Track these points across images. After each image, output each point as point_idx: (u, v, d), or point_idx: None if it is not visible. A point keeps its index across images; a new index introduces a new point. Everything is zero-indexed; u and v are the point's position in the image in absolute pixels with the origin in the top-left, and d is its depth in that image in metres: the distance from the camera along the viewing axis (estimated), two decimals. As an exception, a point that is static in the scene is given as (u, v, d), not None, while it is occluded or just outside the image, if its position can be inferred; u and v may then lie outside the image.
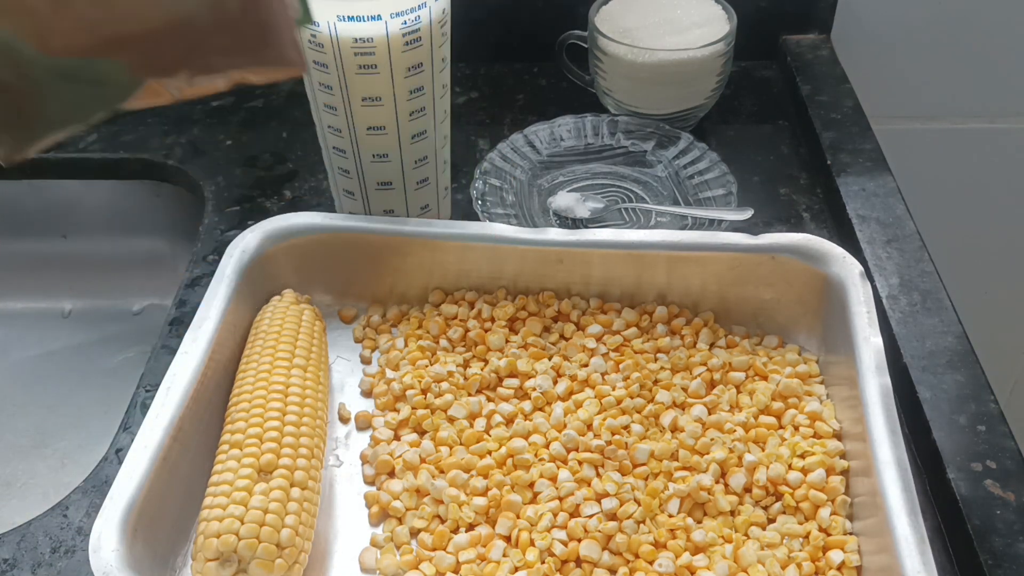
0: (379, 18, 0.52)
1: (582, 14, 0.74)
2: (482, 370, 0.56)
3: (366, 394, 0.57)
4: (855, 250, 0.62)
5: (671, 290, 0.58)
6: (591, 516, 0.48)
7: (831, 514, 0.48)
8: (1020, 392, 1.07)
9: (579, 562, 0.47)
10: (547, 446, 0.52)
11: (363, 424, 0.55)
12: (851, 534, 0.48)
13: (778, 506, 0.49)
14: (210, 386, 0.51)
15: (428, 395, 0.54)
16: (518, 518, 0.49)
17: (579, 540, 0.47)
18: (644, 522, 0.48)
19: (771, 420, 0.53)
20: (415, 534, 0.49)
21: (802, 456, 0.51)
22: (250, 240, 0.57)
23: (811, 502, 0.49)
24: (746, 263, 0.57)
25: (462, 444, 0.52)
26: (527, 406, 0.54)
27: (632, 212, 0.66)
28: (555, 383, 0.55)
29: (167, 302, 0.71)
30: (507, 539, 0.48)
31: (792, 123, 0.77)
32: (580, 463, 0.50)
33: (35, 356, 0.76)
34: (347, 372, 0.58)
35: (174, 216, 0.77)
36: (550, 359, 0.56)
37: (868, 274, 0.58)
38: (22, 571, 0.48)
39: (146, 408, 0.50)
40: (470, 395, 0.55)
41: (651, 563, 0.47)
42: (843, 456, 0.50)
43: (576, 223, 0.65)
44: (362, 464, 0.53)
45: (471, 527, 0.49)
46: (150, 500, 0.45)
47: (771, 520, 0.49)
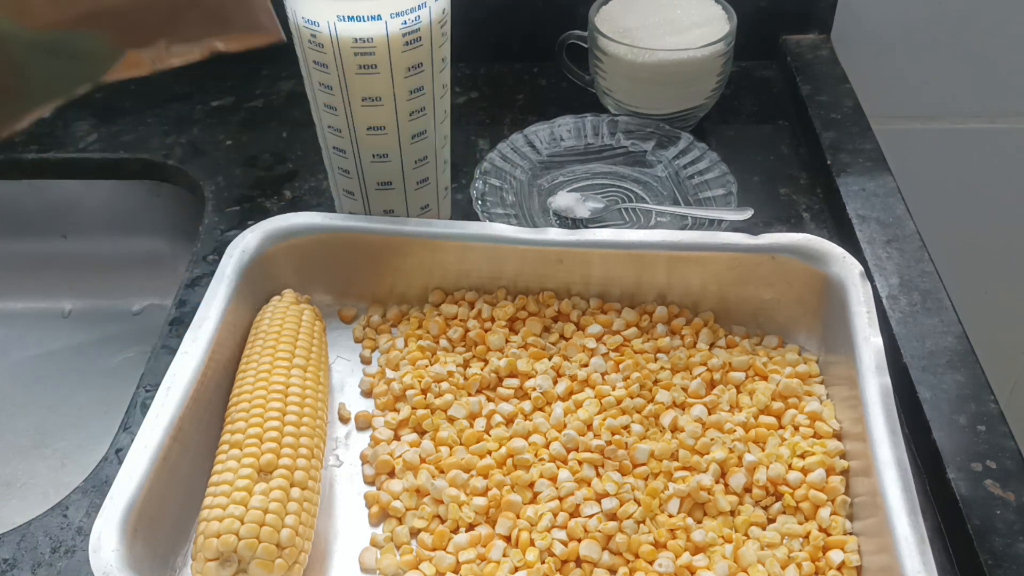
0: (379, 18, 0.52)
1: (582, 14, 0.74)
2: (482, 370, 0.56)
3: (366, 394, 0.57)
4: (855, 250, 0.62)
5: (671, 290, 0.58)
6: (591, 516, 0.48)
7: (831, 514, 0.48)
8: (1020, 392, 1.07)
9: (579, 562, 0.47)
10: (547, 446, 0.52)
11: (363, 424, 0.55)
12: (851, 534, 0.48)
13: (778, 506, 0.49)
14: (210, 386, 0.51)
15: (428, 395, 0.54)
16: (518, 518, 0.49)
17: (579, 540, 0.47)
18: (644, 522, 0.48)
19: (771, 420, 0.53)
20: (415, 534, 0.49)
21: (802, 456, 0.51)
22: (250, 240, 0.57)
23: (811, 502, 0.49)
24: (746, 263, 0.57)
25: (462, 444, 0.52)
26: (527, 406, 0.54)
27: (632, 212, 0.66)
28: (555, 383, 0.55)
29: (167, 302, 0.71)
30: (507, 539, 0.48)
31: (792, 123, 0.77)
32: (580, 463, 0.50)
33: (35, 356, 0.76)
34: (347, 372, 0.58)
35: (174, 216, 0.77)
36: (550, 359, 0.56)
37: (868, 274, 0.58)
38: (22, 571, 0.48)
39: (146, 408, 0.50)
40: (470, 395, 0.55)
41: (651, 563, 0.47)
42: (843, 456, 0.50)
43: (576, 223, 0.65)
44: (362, 464, 0.53)
45: (471, 527, 0.49)
46: (150, 500, 0.45)
47: (771, 520, 0.49)
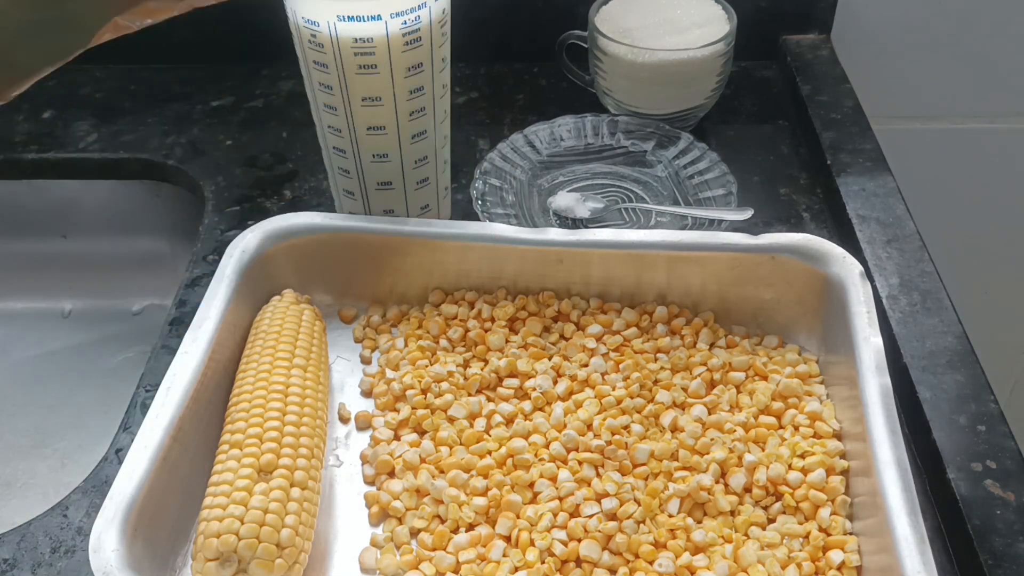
0: (379, 18, 0.52)
1: (582, 14, 0.74)
2: (482, 370, 0.56)
3: (366, 394, 0.57)
4: (855, 250, 0.62)
5: (671, 290, 0.58)
6: (591, 516, 0.48)
7: (831, 514, 0.48)
8: (1020, 392, 1.07)
9: (579, 562, 0.47)
10: (547, 446, 0.52)
11: (363, 424, 0.55)
12: (851, 534, 0.48)
13: (778, 506, 0.49)
14: (210, 386, 0.51)
15: (428, 395, 0.54)
16: (518, 518, 0.49)
17: (579, 540, 0.47)
18: (644, 522, 0.48)
19: (771, 420, 0.53)
20: (415, 534, 0.49)
21: (802, 456, 0.51)
22: (250, 240, 0.57)
23: (811, 502, 0.49)
24: (746, 263, 0.57)
25: (462, 444, 0.52)
26: (527, 406, 0.54)
27: (632, 212, 0.66)
28: (555, 383, 0.55)
29: (167, 302, 0.71)
30: (507, 539, 0.48)
31: (792, 123, 0.77)
32: (580, 463, 0.50)
33: (35, 356, 0.76)
34: (347, 372, 0.58)
35: (174, 216, 0.77)
36: (550, 359, 0.56)
37: (868, 274, 0.58)
38: (22, 571, 0.48)
39: (146, 408, 0.50)
40: (470, 395, 0.55)
41: (651, 563, 0.47)
42: (843, 456, 0.50)
43: (576, 223, 0.65)
44: (362, 464, 0.53)
45: (471, 527, 0.49)
46: (150, 500, 0.45)
47: (771, 520, 0.49)
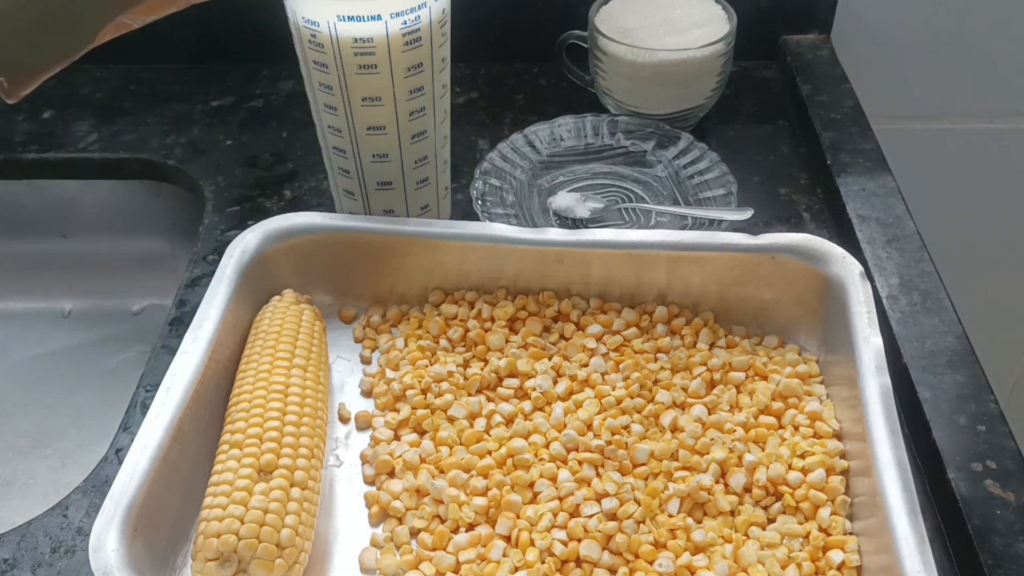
0: (379, 18, 0.52)
1: (582, 14, 0.74)
2: (482, 370, 0.56)
3: (366, 394, 0.57)
4: (855, 250, 0.62)
5: (671, 290, 0.58)
6: (591, 516, 0.48)
7: (831, 514, 0.48)
8: (1020, 392, 1.07)
9: (579, 562, 0.47)
10: (547, 446, 0.52)
11: (363, 424, 0.55)
12: (851, 534, 0.48)
13: (778, 506, 0.49)
14: (210, 386, 0.51)
15: (428, 395, 0.54)
16: (518, 518, 0.49)
17: (579, 540, 0.47)
18: (644, 522, 0.48)
19: (771, 420, 0.53)
20: (415, 534, 0.49)
21: (802, 456, 0.51)
22: (250, 240, 0.57)
23: (811, 502, 0.49)
24: (746, 263, 0.57)
25: (462, 444, 0.52)
26: (527, 406, 0.54)
27: (632, 212, 0.66)
28: (555, 383, 0.55)
29: (167, 302, 0.71)
30: (507, 539, 0.48)
31: (792, 123, 0.77)
32: (580, 463, 0.50)
33: (35, 356, 0.76)
34: (347, 372, 0.58)
35: (174, 216, 0.77)
36: (550, 359, 0.56)
37: (868, 274, 0.58)
38: (22, 571, 0.48)
39: (146, 408, 0.50)
40: (470, 395, 0.55)
41: (651, 563, 0.47)
42: (843, 456, 0.50)
43: (576, 223, 0.65)
44: (362, 464, 0.53)
45: (471, 527, 0.49)
46: (150, 500, 0.45)
47: (771, 520, 0.49)
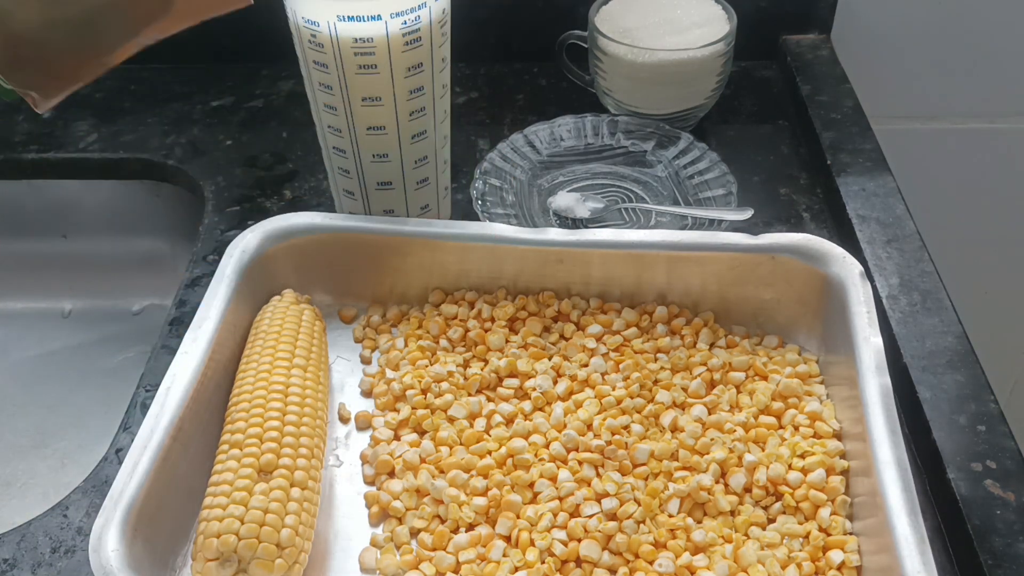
0: (379, 18, 0.52)
1: (582, 14, 0.74)
2: (482, 370, 0.56)
3: (366, 394, 0.57)
4: (855, 250, 0.62)
5: (671, 290, 0.58)
6: (591, 516, 0.48)
7: (831, 514, 0.48)
8: (1020, 392, 1.07)
9: (579, 562, 0.47)
10: (547, 446, 0.52)
11: (363, 424, 0.55)
12: (851, 534, 0.48)
13: (778, 506, 0.49)
14: (210, 386, 0.51)
15: (428, 395, 0.54)
16: (518, 518, 0.49)
17: (579, 540, 0.47)
18: (644, 522, 0.48)
19: (771, 420, 0.53)
20: (415, 534, 0.49)
21: (802, 456, 0.51)
22: (250, 240, 0.57)
23: (811, 502, 0.49)
24: (746, 263, 0.57)
25: (462, 444, 0.52)
26: (527, 406, 0.54)
27: (632, 212, 0.66)
28: (555, 383, 0.55)
29: (167, 302, 0.71)
30: (507, 539, 0.48)
31: (792, 123, 0.77)
32: (580, 463, 0.50)
33: (35, 356, 0.76)
34: (347, 372, 0.58)
35: (174, 216, 0.77)
36: (550, 359, 0.56)
37: (868, 274, 0.58)
38: (22, 571, 0.48)
39: (146, 408, 0.50)
40: (470, 395, 0.55)
41: (651, 563, 0.47)
42: (843, 456, 0.50)
43: (576, 223, 0.65)
44: (362, 464, 0.53)
45: (471, 527, 0.49)
46: (150, 500, 0.45)
47: (771, 520, 0.49)
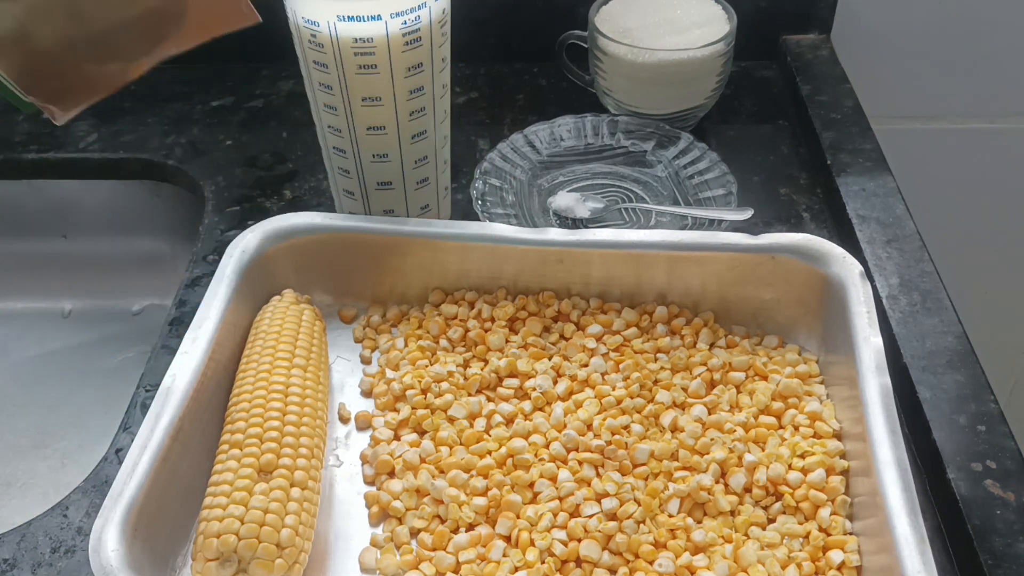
0: (379, 18, 0.52)
1: (582, 14, 0.74)
2: (482, 370, 0.56)
3: (366, 394, 0.57)
4: (855, 250, 0.62)
5: (671, 290, 0.58)
6: (591, 516, 0.48)
7: (831, 514, 0.48)
8: (1020, 392, 1.07)
9: (579, 562, 0.47)
10: (547, 446, 0.52)
11: (363, 424, 0.55)
12: (851, 534, 0.48)
13: (778, 506, 0.49)
14: (210, 386, 0.51)
15: (428, 395, 0.54)
16: (518, 518, 0.49)
17: (579, 540, 0.47)
18: (644, 522, 0.48)
19: (771, 420, 0.53)
20: (415, 534, 0.49)
21: (802, 456, 0.51)
22: (250, 240, 0.57)
23: (811, 502, 0.49)
24: (746, 263, 0.57)
25: (462, 444, 0.52)
26: (527, 406, 0.54)
27: (632, 212, 0.66)
28: (555, 383, 0.55)
29: (167, 302, 0.71)
30: (507, 539, 0.48)
31: (792, 123, 0.77)
32: (580, 463, 0.50)
33: (35, 356, 0.76)
34: (347, 372, 0.58)
35: (174, 216, 0.77)
36: (550, 359, 0.56)
37: (868, 274, 0.58)
38: (22, 571, 0.48)
39: (146, 408, 0.50)
40: (470, 395, 0.55)
41: (651, 563, 0.47)
42: (843, 456, 0.50)
43: (576, 223, 0.65)
44: (362, 464, 0.53)
45: (471, 527, 0.49)
46: (150, 500, 0.45)
47: (771, 520, 0.49)
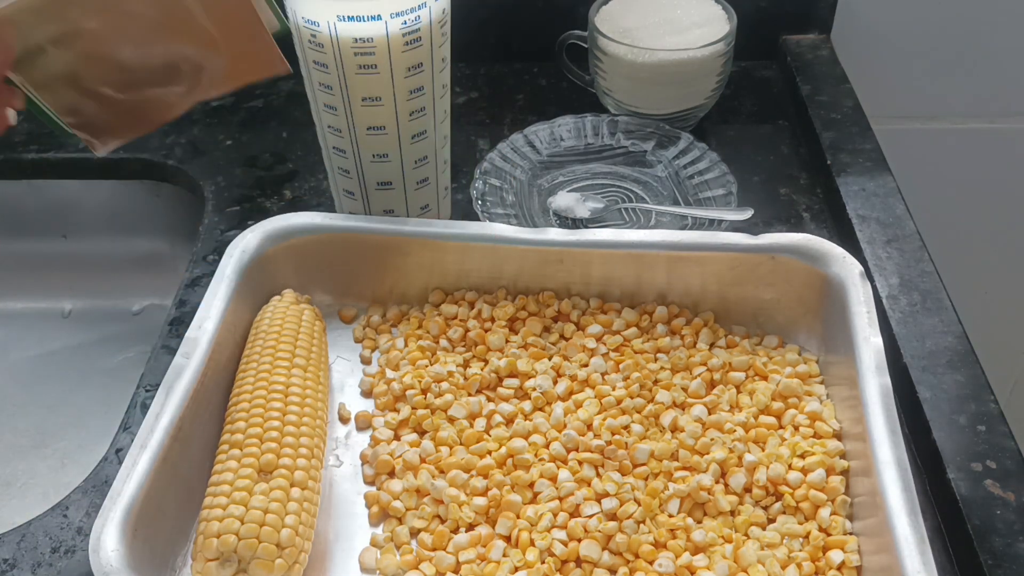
0: (379, 18, 0.52)
1: (582, 14, 0.74)
2: (482, 370, 0.56)
3: (366, 394, 0.57)
4: (855, 250, 0.62)
5: (671, 290, 0.58)
6: (591, 516, 0.48)
7: (831, 514, 0.48)
8: (1020, 392, 1.07)
9: (579, 562, 0.47)
10: (547, 446, 0.52)
11: (363, 424, 0.55)
12: (851, 534, 0.48)
13: (778, 506, 0.49)
14: (210, 386, 0.51)
15: (428, 395, 0.54)
16: (518, 518, 0.49)
17: (579, 540, 0.47)
18: (644, 522, 0.48)
19: (771, 420, 0.53)
20: (415, 534, 0.49)
21: (802, 456, 0.51)
22: (250, 240, 0.57)
23: (811, 502, 0.49)
24: (746, 263, 0.57)
25: (462, 444, 0.52)
26: (527, 406, 0.54)
27: (632, 212, 0.66)
28: (555, 383, 0.55)
29: (167, 302, 0.71)
30: (507, 539, 0.48)
31: (792, 123, 0.77)
32: (580, 463, 0.50)
33: (35, 356, 0.76)
34: (347, 372, 0.58)
35: (174, 216, 0.77)
36: (550, 359, 0.56)
37: (868, 274, 0.58)
38: (22, 571, 0.48)
39: (146, 408, 0.50)
40: (470, 395, 0.55)
41: (651, 563, 0.47)
42: (843, 456, 0.50)
43: (576, 223, 0.65)
44: (362, 464, 0.53)
45: (471, 527, 0.49)
46: (150, 500, 0.45)
47: (771, 520, 0.49)
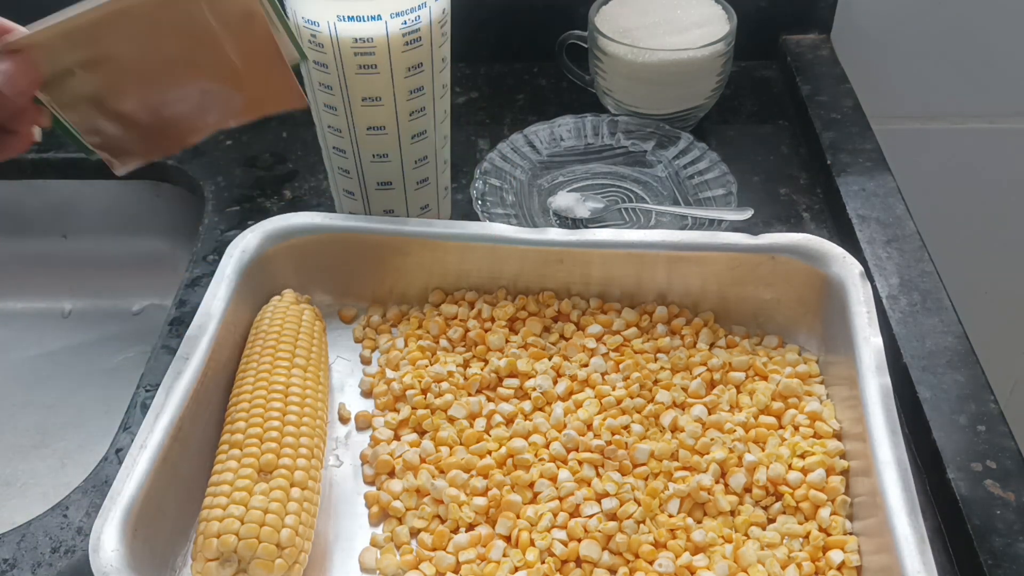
0: (379, 18, 0.52)
1: (582, 14, 0.74)
2: (482, 370, 0.56)
3: (366, 394, 0.57)
4: (855, 250, 0.62)
5: (671, 290, 0.58)
6: (591, 516, 0.48)
7: (831, 514, 0.48)
8: (1020, 392, 1.07)
9: (579, 562, 0.47)
10: (547, 446, 0.52)
11: (363, 424, 0.55)
12: (851, 534, 0.48)
13: (778, 506, 0.49)
14: (210, 386, 0.51)
15: (428, 395, 0.54)
16: (518, 518, 0.49)
17: (579, 540, 0.47)
18: (644, 522, 0.48)
19: (771, 420, 0.53)
20: (415, 534, 0.49)
21: (802, 456, 0.51)
22: (250, 240, 0.57)
23: (811, 502, 0.49)
24: (746, 263, 0.57)
25: (462, 444, 0.52)
26: (527, 406, 0.54)
27: (632, 212, 0.66)
28: (555, 383, 0.55)
29: (167, 302, 0.71)
30: (507, 539, 0.48)
31: (792, 123, 0.77)
32: (580, 463, 0.50)
33: (35, 356, 0.76)
34: (347, 372, 0.58)
35: (174, 216, 0.77)
36: (550, 359, 0.56)
37: (868, 274, 0.58)
38: (22, 571, 0.48)
39: (146, 408, 0.50)
40: (470, 395, 0.55)
41: (651, 563, 0.47)
42: (843, 456, 0.50)
43: (576, 223, 0.65)
44: (362, 464, 0.53)
45: (471, 527, 0.49)
46: (150, 500, 0.45)
47: (771, 520, 0.49)
